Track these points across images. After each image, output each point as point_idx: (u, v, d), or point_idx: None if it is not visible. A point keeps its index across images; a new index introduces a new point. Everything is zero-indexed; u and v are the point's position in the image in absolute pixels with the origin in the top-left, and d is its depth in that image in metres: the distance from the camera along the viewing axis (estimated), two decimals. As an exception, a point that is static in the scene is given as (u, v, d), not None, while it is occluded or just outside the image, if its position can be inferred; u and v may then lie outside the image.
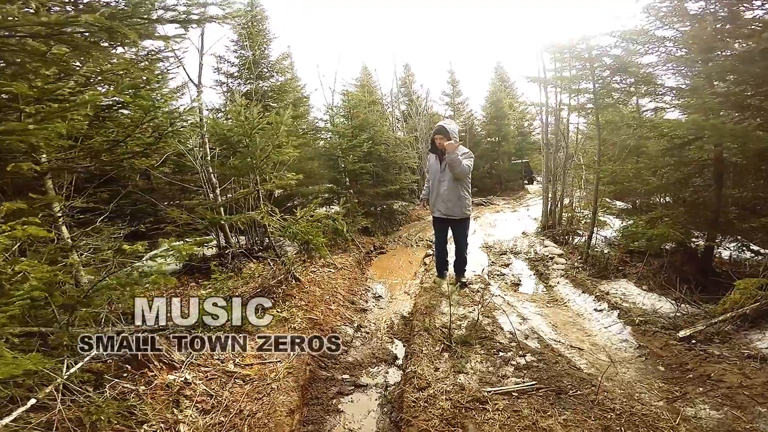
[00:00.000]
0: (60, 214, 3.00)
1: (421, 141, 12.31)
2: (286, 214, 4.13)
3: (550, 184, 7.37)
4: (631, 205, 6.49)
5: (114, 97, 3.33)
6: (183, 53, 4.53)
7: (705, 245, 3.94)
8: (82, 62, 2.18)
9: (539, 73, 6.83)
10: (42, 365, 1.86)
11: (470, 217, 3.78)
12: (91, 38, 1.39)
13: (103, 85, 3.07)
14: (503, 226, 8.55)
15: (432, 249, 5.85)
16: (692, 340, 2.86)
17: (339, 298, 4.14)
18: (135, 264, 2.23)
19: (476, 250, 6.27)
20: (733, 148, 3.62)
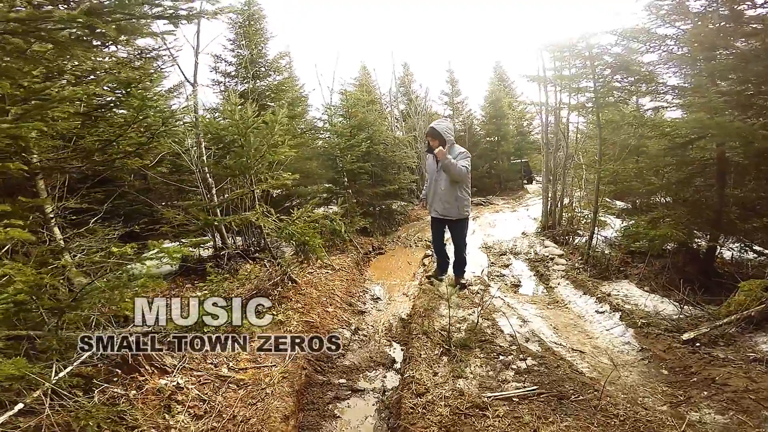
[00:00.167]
0: (52, 215, 2.94)
1: (420, 140, 12.26)
2: (283, 215, 4.07)
3: (550, 184, 7.32)
4: (631, 205, 6.44)
5: (107, 97, 3.29)
6: (177, 51, 4.49)
7: (707, 246, 3.90)
8: (68, 61, 2.11)
9: (539, 71, 6.79)
10: (27, 370, 1.82)
11: (468, 218, 3.71)
12: (70, 35, 1.33)
13: (96, 84, 3.02)
14: (503, 227, 8.49)
15: (431, 249, 5.79)
16: (696, 343, 2.81)
17: (336, 300, 4.08)
18: (124, 267, 2.17)
19: (476, 251, 6.21)
20: (736, 148, 3.58)
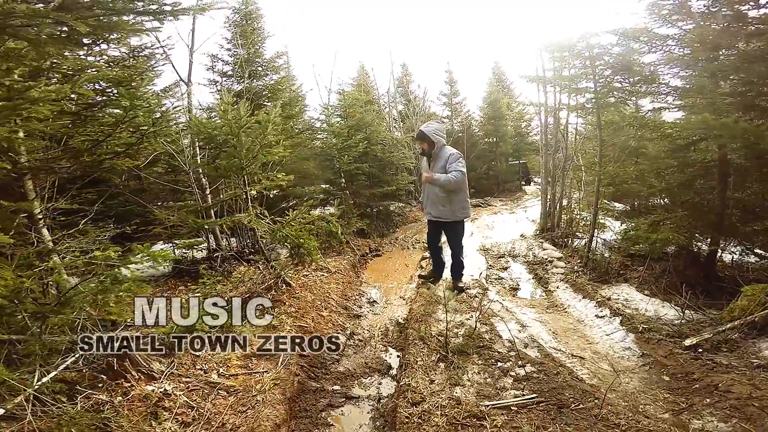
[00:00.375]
0: (41, 216, 2.86)
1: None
2: (278, 216, 3.99)
3: (548, 186, 7.25)
4: (630, 207, 6.38)
5: (96, 96, 3.21)
6: (170, 50, 4.41)
7: (708, 249, 3.84)
8: (46, 59, 2.04)
9: (538, 72, 6.74)
10: (6, 376, 1.75)
11: (464, 220, 3.62)
12: (40, 32, 1.26)
13: (87, 83, 2.94)
14: (501, 229, 8.42)
15: (429, 252, 5.72)
16: (698, 349, 2.75)
17: (331, 304, 4.01)
18: (112, 270, 2.10)
19: (474, 253, 6.15)
20: (737, 150, 3.52)
